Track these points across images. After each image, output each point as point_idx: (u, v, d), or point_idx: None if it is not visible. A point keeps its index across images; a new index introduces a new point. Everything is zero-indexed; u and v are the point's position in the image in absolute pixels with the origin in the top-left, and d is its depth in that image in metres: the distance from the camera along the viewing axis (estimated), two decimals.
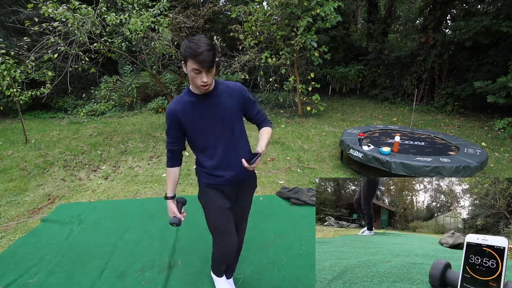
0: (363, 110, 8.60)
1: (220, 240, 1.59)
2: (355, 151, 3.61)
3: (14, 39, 7.77)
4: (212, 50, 1.21)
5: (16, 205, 3.09)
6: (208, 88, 1.33)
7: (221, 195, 1.53)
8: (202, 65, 1.21)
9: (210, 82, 1.30)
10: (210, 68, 1.25)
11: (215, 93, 1.41)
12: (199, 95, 1.39)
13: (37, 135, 6.10)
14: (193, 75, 1.26)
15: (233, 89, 1.46)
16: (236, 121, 1.47)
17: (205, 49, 1.19)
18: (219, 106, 1.41)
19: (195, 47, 1.18)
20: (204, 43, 1.20)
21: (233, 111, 1.45)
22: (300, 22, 6.16)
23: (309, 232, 2.52)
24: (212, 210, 1.54)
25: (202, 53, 1.18)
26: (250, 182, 1.65)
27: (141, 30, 4.84)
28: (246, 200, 1.69)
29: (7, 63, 4.61)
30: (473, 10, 8.10)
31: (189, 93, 1.41)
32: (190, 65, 1.23)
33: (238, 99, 1.47)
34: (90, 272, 2.05)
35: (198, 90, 1.36)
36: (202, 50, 1.18)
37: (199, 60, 1.19)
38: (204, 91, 1.35)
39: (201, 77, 1.26)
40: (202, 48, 1.18)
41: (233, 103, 1.45)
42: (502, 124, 5.72)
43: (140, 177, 3.78)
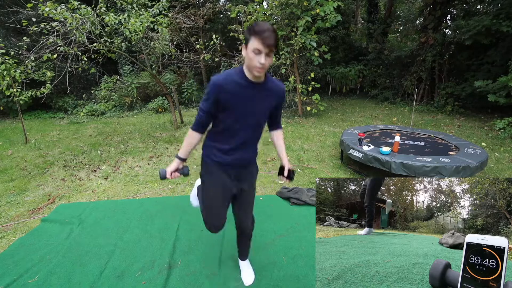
0: (363, 110, 8.60)
1: (207, 219, 1.65)
2: (355, 151, 3.61)
3: (13, 39, 7.78)
4: (276, 33, 1.24)
5: (16, 205, 3.09)
6: (263, 72, 1.32)
7: (225, 175, 1.55)
8: (265, 43, 1.21)
9: (267, 66, 1.29)
10: (271, 50, 1.25)
11: (265, 87, 1.43)
12: (249, 81, 1.38)
13: (37, 135, 6.10)
14: (252, 56, 1.26)
15: (278, 89, 1.50)
16: (265, 117, 1.53)
17: (271, 30, 1.22)
18: (263, 99, 1.44)
19: (261, 26, 1.22)
20: (269, 26, 1.24)
21: (269, 109, 1.51)
22: (299, 22, 6.17)
23: (309, 232, 2.52)
24: (211, 187, 1.58)
25: (267, 31, 1.21)
26: (253, 169, 1.70)
27: (140, 30, 4.83)
28: (249, 184, 1.71)
29: (7, 63, 4.61)
30: (473, 10, 8.11)
31: (241, 75, 1.38)
32: (253, 43, 1.24)
33: (277, 100, 1.52)
34: (90, 272, 2.05)
35: (251, 75, 1.36)
36: (267, 29, 1.22)
37: (263, 37, 1.21)
38: (258, 74, 1.32)
39: (259, 59, 1.25)
40: (267, 27, 1.22)
41: (272, 102, 1.49)
42: (502, 124, 5.72)
43: (140, 177, 3.78)
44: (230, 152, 1.51)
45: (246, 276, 1.97)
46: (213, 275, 2.01)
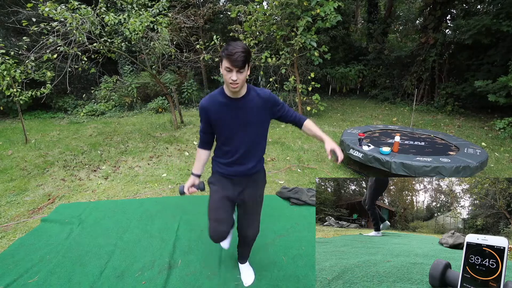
0: (363, 110, 8.60)
1: (212, 225, 1.67)
2: (355, 151, 3.61)
3: (13, 39, 7.78)
4: (245, 53, 1.34)
5: (16, 205, 3.09)
6: (237, 88, 1.42)
7: (230, 185, 1.65)
8: (233, 64, 1.33)
9: (239, 82, 1.39)
10: (241, 68, 1.35)
11: (246, 99, 1.50)
12: (231, 98, 1.49)
13: (37, 135, 6.10)
14: (225, 73, 1.38)
15: (263, 97, 1.54)
16: (261, 127, 1.59)
17: (239, 51, 1.32)
18: (248, 113, 1.51)
19: (231, 50, 1.32)
20: (240, 47, 1.33)
21: (260, 118, 1.56)
22: (300, 22, 6.16)
23: (309, 232, 2.52)
24: (215, 197, 1.65)
25: (235, 53, 1.32)
26: (258, 177, 1.72)
27: (140, 30, 4.83)
28: (256, 194, 1.73)
29: (7, 63, 4.61)
30: (473, 9, 8.11)
31: (222, 94, 1.50)
32: (224, 63, 1.36)
33: (266, 107, 1.56)
34: (90, 272, 2.05)
35: (230, 92, 1.46)
36: (236, 51, 1.32)
37: (231, 59, 1.32)
38: (233, 90, 1.43)
39: (231, 75, 1.37)
40: (236, 49, 1.32)
41: (261, 111, 1.54)
42: (502, 124, 5.72)
43: (140, 177, 3.78)
44: (230, 165, 1.61)
45: (246, 277, 1.98)
46: (213, 275, 2.01)
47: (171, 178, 3.73)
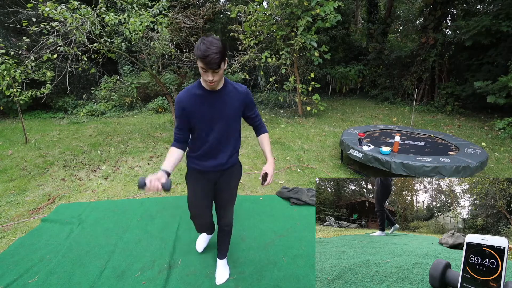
0: (363, 110, 8.60)
1: (194, 219, 1.82)
2: (355, 151, 3.61)
3: (13, 39, 7.78)
4: (219, 53, 1.29)
5: (16, 205, 3.09)
6: (214, 86, 1.43)
7: (205, 180, 1.68)
8: (207, 66, 1.31)
9: (216, 80, 1.40)
10: (216, 69, 1.34)
11: (223, 92, 1.52)
12: (207, 91, 1.49)
13: (37, 135, 6.10)
14: (201, 72, 1.38)
15: (240, 91, 1.58)
16: (234, 121, 1.60)
17: (213, 52, 1.28)
18: (223, 105, 1.52)
19: (204, 48, 1.27)
20: (214, 46, 1.28)
21: (235, 112, 1.58)
22: (300, 22, 6.16)
23: (309, 232, 2.52)
24: (192, 193, 1.71)
25: (209, 56, 1.28)
26: (232, 170, 1.75)
27: (140, 30, 4.83)
28: (230, 186, 1.77)
29: (7, 63, 4.61)
30: (473, 10, 8.11)
31: (199, 86, 1.51)
32: (199, 63, 1.34)
33: (242, 102, 1.59)
34: (90, 272, 2.05)
35: (206, 85, 1.46)
36: (210, 53, 1.27)
37: (205, 62, 1.30)
38: (211, 88, 1.46)
39: (206, 76, 1.37)
40: (210, 51, 1.27)
41: (236, 105, 1.57)
42: (502, 124, 5.72)
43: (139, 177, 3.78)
44: (204, 158, 1.62)
45: (220, 275, 1.98)
46: (213, 275, 2.01)
47: (171, 178, 3.72)
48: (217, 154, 1.62)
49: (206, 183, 1.69)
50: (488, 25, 6.25)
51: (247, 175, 3.81)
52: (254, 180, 3.65)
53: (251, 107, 1.66)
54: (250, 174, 3.86)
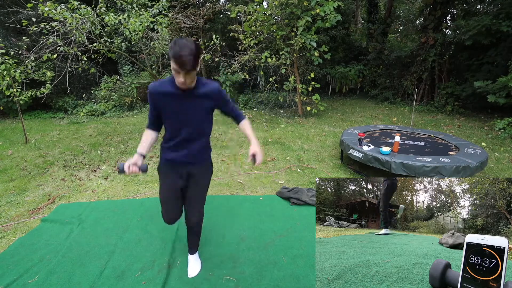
0: (363, 110, 8.60)
1: (164, 212, 1.84)
2: (355, 151, 3.61)
3: (13, 39, 7.77)
4: (193, 55, 1.30)
5: (16, 205, 3.09)
6: (185, 87, 1.46)
7: (176, 174, 1.72)
8: (181, 67, 1.32)
9: (188, 82, 1.42)
10: (189, 71, 1.35)
11: (195, 92, 1.54)
12: (179, 89, 1.51)
13: (37, 135, 6.10)
14: (173, 73, 1.40)
15: (211, 89, 1.59)
16: (205, 119, 1.64)
17: (186, 54, 1.28)
18: (193, 105, 1.55)
19: (178, 50, 1.28)
20: (188, 48, 1.29)
21: (206, 110, 1.61)
22: (299, 22, 6.16)
23: (309, 232, 2.52)
24: (164, 186, 1.76)
25: (182, 56, 1.28)
26: (202, 166, 1.78)
27: (140, 30, 4.83)
28: (200, 182, 1.79)
29: (7, 63, 4.61)
30: (473, 10, 8.11)
31: (172, 84, 1.52)
32: (172, 64, 1.34)
33: (214, 100, 1.62)
34: (90, 272, 2.05)
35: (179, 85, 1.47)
36: (183, 54, 1.28)
37: (178, 63, 1.30)
38: (181, 88, 1.47)
39: (179, 78, 1.38)
40: (183, 52, 1.28)
41: (208, 103, 1.60)
42: (502, 124, 5.72)
43: (140, 177, 3.78)
44: (175, 148, 1.65)
45: (192, 268, 2.03)
46: (213, 276, 2.01)
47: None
48: (189, 145, 1.65)
49: (176, 177, 1.72)
50: (488, 25, 6.25)
51: (247, 175, 3.81)
52: (254, 180, 3.66)
53: (225, 103, 1.68)
54: (250, 174, 3.86)
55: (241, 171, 3.95)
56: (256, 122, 6.91)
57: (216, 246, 2.33)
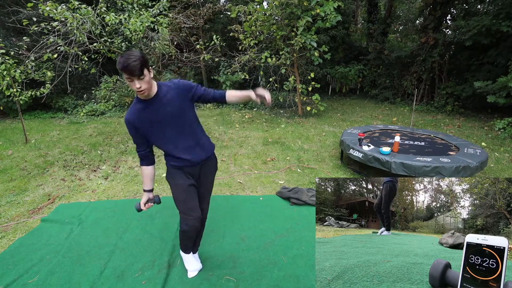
0: (363, 110, 8.60)
1: (184, 214, 1.77)
2: (355, 151, 3.61)
3: (13, 39, 7.77)
4: (138, 60, 1.37)
5: (16, 205, 3.09)
6: (145, 93, 1.48)
7: (184, 174, 1.74)
8: (131, 74, 1.38)
9: (144, 88, 1.45)
10: (140, 75, 1.40)
11: (160, 96, 1.57)
12: (145, 101, 1.55)
13: (37, 135, 6.10)
14: (128, 83, 1.45)
15: (174, 88, 1.61)
16: (186, 114, 1.64)
17: (132, 61, 1.36)
18: (165, 107, 1.57)
19: (124, 60, 1.36)
20: (132, 56, 1.37)
21: (181, 107, 1.61)
22: (300, 22, 6.16)
23: (309, 232, 2.52)
24: (177, 187, 1.74)
25: (129, 64, 1.36)
26: (209, 164, 1.83)
27: (140, 30, 4.83)
28: (207, 180, 1.86)
29: (7, 63, 4.61)
30: (473, 10, 8.11)
31: (138, 101, 1.57)
32: (124, 76, 1.41)
33: (182, 95, 1.62)
34: (90, 272, 2.05)
35: (141, 96, 1.52)
36: (129, 62, 1.36)
37: (127, 70, 1.37)
38: (144, 96, 1.51)
39: (133, 85, 1.43)
40: (129, 60, 1.36)
41: (178, 100, 1.60)
42: (502, 124, 5.72)
43: (140, 177, 3.78)
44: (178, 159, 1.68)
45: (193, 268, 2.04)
46: (212, 276, 2.01)
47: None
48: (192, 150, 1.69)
49: (186, 177, 1.74)
50: (488, 25, 6.25)
51: (247, 175, 3.81)
52: (254, 180, 3.66)
53: (195, 91, 1.66)
54: (250, 174, 3.86)
55: (241, 171, 3.95)
56: (256, 122, 6.91)
57: (216, 246, 2.33)
